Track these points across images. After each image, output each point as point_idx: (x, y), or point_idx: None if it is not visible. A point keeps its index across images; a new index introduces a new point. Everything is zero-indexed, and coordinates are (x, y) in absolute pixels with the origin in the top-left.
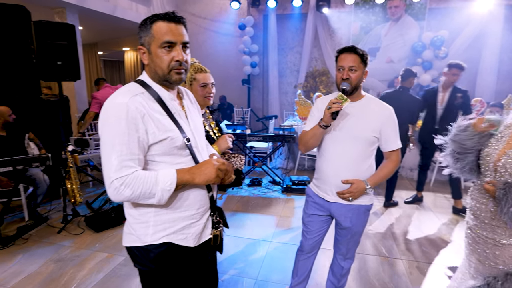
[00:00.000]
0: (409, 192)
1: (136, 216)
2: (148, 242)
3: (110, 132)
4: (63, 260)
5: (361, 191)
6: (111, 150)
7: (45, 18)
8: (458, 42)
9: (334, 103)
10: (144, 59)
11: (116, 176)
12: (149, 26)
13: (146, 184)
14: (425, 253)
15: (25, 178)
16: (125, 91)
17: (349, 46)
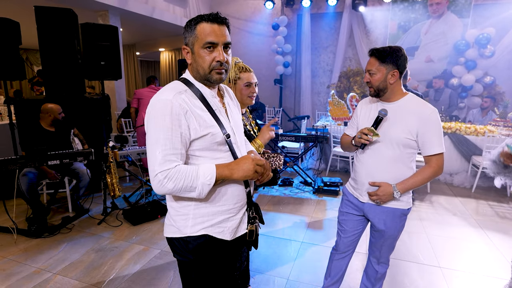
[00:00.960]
0: (447, 198)
1: (177, 208)
2: (188, 233)
3: (155, 127)
4: (103, 250)
5: (388, 195)
6: (155, 145)
7: (89, 20)
8: (506, 40)
9: (365, 134)
10: (187, 58)
11: (160, 169)
12: (193, 27)
13: (188, 178)
14: (466, 262)
15: (70, 171)
16: (169, 88)
17: (371, 49)
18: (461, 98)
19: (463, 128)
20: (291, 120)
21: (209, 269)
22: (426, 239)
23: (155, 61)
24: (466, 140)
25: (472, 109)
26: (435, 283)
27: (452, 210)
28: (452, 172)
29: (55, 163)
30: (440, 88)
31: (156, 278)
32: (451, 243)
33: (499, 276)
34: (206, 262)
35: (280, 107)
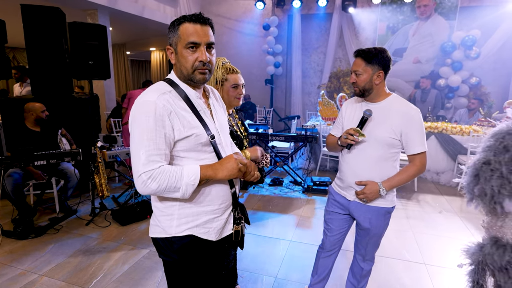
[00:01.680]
0: (434, 196)
1: (161, 208)
2: (172, 234)
3: (139, 128)
4: (91, 251)
5: (374, 192)
6: (139, 145)
7: (78, 19)
8: (491, 42)
9: (351, 134)
10: (172, 58)
11: (144, 169)
12: (176, 27)
13: (172, 178)
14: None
15: (57, 172)
16: (154, 89)
17: (356, 50)
18: (448, 98)
19: (449, 128)
20: (282, 120)
21: (193, 269)
22: (412, 237)
23: (146, 60)
24: (452, 139)
25: (459, 109)
26: (420, 279)
27: (438, 208)
28: (438, 171)
29: (41, 163)
30: (427, 88)
31: (144, 278)
32: (436, 240)
33: None
34: (191, 262)
35: (271, 107)
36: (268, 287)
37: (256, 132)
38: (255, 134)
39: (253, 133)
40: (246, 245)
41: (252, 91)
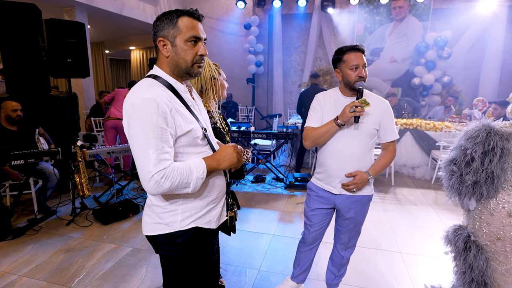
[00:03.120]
0: (410, 190)
1: (163, 206)
2: (177, 228)
3: (144, 127)
4: (72, 250)
5: (364, 181)
6: (146, 145)
7: (55, 16)
8: (461, 42)
9: (358, 106)
10: (165, 51)
11: (156, 169)
12: (175, 20)
13: (183, 174)
14: (424, 247)
15: (36, 172)
16: (147, 86)
17: (355, 45)
18: (422, 96)
19: (423, 124)
20: (264, 118)
21: (195, 260)
22: (389, 228)
23: (126, 59)
24: (426, 135)
25: (433, 107)
26: (395, 266)
27: (413, 201)
28: (414, 165)
29: (19, 163)
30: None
31: (128, 275)
32: (411, 230)
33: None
34: (193, 254)
35: (253, 105)
36: (252, 279)
37: (239, 130)
38: (237, 132)
39: (235, 131)
40: (229, 240)
41: (234, 90)
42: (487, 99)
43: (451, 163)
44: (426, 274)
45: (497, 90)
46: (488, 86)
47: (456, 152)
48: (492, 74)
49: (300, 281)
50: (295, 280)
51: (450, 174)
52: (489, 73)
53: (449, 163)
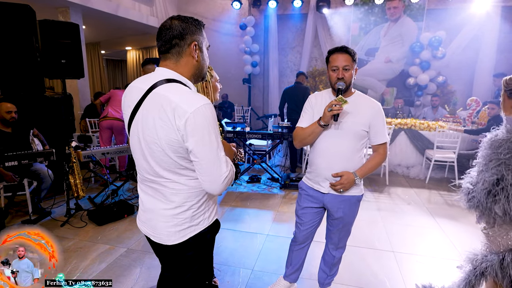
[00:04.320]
0: (404, 189)
1: (197, 207)
2: (206, 225)
3: (212, 131)
4: (67, 251)
5: (351, 182)
6: (218, 148)
7: (49, 17)
8: (455, 42)
9: (335, 105)
10: (195, 55)
11: (228, 169)
12: (202, 29)
13: (233, 171)
14: (417, 246)
15: (30, 173)
16: (190, 92)
17: (340, 46)
18: (417, 96)
19: (417, 124)
20: (260, 119)
21: (210, 252)
22: (382, 227)
23: (122, 60)
24: (420, 135)
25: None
26: (388, 266)
27: (407, 200)
28: (408, 165)
29: (12, 164)
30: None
31: (122, 275)
32: (404, 229)
33: (444, 256)
34: (211, 246)
35: (249, 106)
36: (245, 279)
37: (234, 131)
38: (232, 133)
39: (230, 131)
40: (224, 240)
41: (230, 90)
42: (482, 99)
43: (501, 182)
44: (418, 273)
45: (491, 90)
46: (482, 86)
47: (498, 168)
48: (486, 74)
49: (292, 280)
50: (287, 279)
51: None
52: (483, 73)
53: (496, 183)
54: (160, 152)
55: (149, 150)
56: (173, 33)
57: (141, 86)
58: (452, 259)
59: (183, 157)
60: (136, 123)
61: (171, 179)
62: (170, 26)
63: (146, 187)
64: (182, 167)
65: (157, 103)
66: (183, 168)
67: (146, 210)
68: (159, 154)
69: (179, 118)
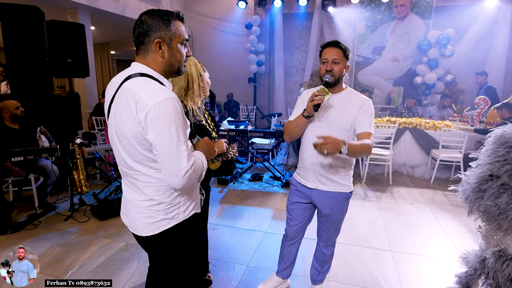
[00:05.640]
0: (408, 189)
1: (170, 201)
2: (181, 219)
3: (173, 125)
4: (68, 244)
5: (335, 144)
6: (178, 142)
7: (59, 18)
8: (464, 40)
9: (317, 95)
10: (160, 52)
11: (189, 164)
12: (171, 23)
13: (201, 166)
14: (415, 246)
15: (36, 169)
16: (157, 86)
17: (333, 40)
18: (424, 95)
19: (422, 123)
20: (265, 118)
21: (192, 245)
22: (382, 226)
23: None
24: (426, 134)
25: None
26: (384, 264)
27: (409, 200)
28: (413, 165)
29: (19, 159)
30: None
31: (119, 269)
32: (404, 229)
33: (444, 257)
34: (192, 239)
35: (254, 105)
36: (240, 274)
37: (236, 129)
38: (235, 131)
39: (233, 129)
40: (220, 237)
41: (236, 89)
42: (491, 98)
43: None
44: (414, 272)
45: (502, 89)
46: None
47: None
48: (496, 72)
49: (284, 276)
50: (280, 275)
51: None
52: (494, 71)
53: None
54: (128, 144)
55: (120, 142)
56: (139, 30)
57: (117, 80)
58: (452, 259)
59: (148, 150)
60: (111, 117)
61: (141, 172)
62: (139, 22)
63: (125, 179)
64: (149, 160)
65: (124, 97)
66: (151, 161)
67: (126, 202)
68: (127, 146)
69: (140, 111)
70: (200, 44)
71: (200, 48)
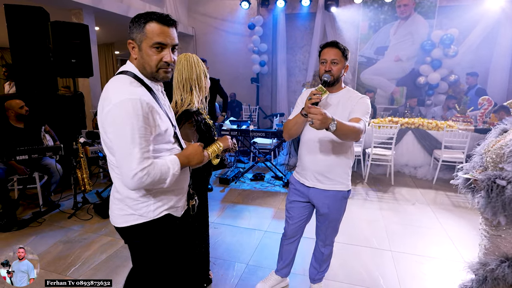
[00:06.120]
0: (409, 190)
1: (136, 198)
2: (151, 217)
3: (129, 126)
4: (71, 242)
5: (323, 115)
6: (131, 144)
7: (63, 19)
8: (468, 40)
9: (314, 94)
10: (133, 53)
11: (140, 167)
12: (142, 25)
13: (162, 171)
14: (416, 246)
15: (41, 167)
16: (127, 84)
17: (331, 41)
18: (428, 95)
19: (425, 123)
20: (267, 118)
21: (165, 246)
22: (382, 226)
23: None
24: (428, 134)
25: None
26: (383, 264)
27: (411, 200)
28: (416, 165)
29: (23, 158)
30: None
31: (121, 266)
32: (405, 229)
33: (444, 258)
34: (164, 240)
35: (257, 105)
36: (239, 272)
37: (238, 129)
38: (237, 131)
39: (235, 129)
40: (221, 235)
41: (238, 90)
42: (496, 99)
43: None
44: (414, 272)
45: (506, 89)
46: (497, 86)
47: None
48: (501, 73)
49: (283, 274)
50: (279, 273)
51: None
52: (498, 71)
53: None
54: (103, 134)
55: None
56: None
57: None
58: (452, 260)
59: None
60: None
61: (113, 162)
62: None
63: None
64: None
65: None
66: None
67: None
68: (103, 135)
69: (105, 108)
70: (203, 44)
71: (203, 48)
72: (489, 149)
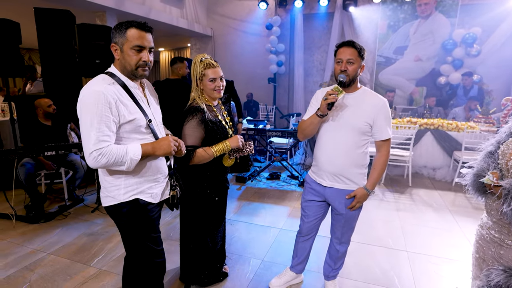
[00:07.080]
0: (427, 191)
1: (110, 181)
2: (121, 200)
3: (89, 113)
4: (95, 234)
5: (365, 196)
6: (90, 128)
7: (88, 21)
8: (492, 39)
9: (330, 94)
10: (116, 55)
11: (94, 148)
12: (124, 31)
13: (119, 154)
14: (433, 248)
15: (66, 163)
16: (100, 80)
17: (347, 40)
18: (449, 96)
19: (445, 124)
20: (284, 117)
21: (138, 225)
22: (399, 226)
23: (155, 60)
24: (448, 136)
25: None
26: (399, 264)
27: (429, 202)
28: (435, 167)
29: (51, 154)
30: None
31: None
32: (422, 230)
33: (461, 259)
34: (136, 221)
35: (273, 105)
36: (255, 268)
37: (255, 128)
38: (253, 130)
39: (252, 129)
40: (237, 232)
41: (256, 89)
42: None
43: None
44: (430, 274)
45: None
46: None
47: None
48: None
49: (298, 271)
50: (293, 270)
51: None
52: None
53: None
54: None
55: None
56: None
57: None
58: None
59: None
60: None
61: None
62: None
63: None
64: None
65: None
66: None
67: None
68: None
69: (79, 97)
70: (221, 45)
71: (221, 49)
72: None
